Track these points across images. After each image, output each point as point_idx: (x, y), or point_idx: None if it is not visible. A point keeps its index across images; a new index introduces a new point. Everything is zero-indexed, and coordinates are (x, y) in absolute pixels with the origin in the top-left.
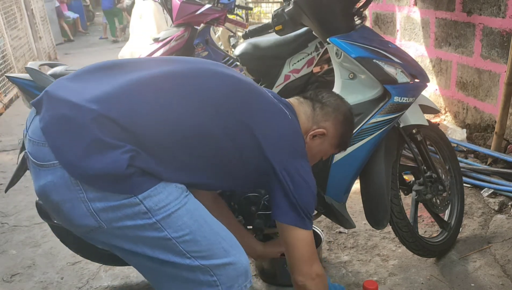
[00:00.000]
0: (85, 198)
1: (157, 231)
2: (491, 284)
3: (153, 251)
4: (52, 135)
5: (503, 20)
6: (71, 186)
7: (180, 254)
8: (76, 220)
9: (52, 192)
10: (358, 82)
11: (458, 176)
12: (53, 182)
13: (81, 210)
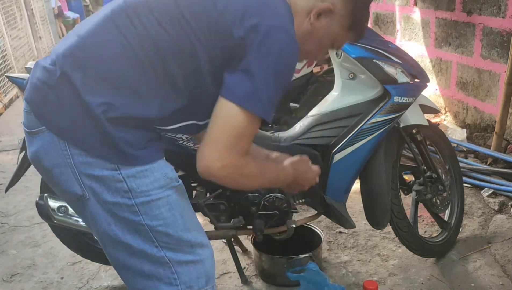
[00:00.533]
0: (72, 163)
1: (133, 214)
2: (491, 284)
3: (124, 234)
4: (33, 102)
5: (503, 20)
6: (60, 151)
7: (149, 241)
8: (64, 186)
9: (43, 157)
10: (358, 82)
11: (458, 176)
12: (43, 147)
13: (68, 176)
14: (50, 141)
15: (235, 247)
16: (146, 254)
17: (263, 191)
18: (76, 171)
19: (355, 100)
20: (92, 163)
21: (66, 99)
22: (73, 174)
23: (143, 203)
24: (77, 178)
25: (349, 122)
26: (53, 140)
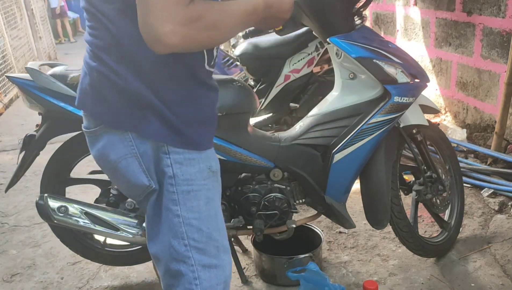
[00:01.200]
0: (137, 153)
1: (172, 202)
2: (491, 284)
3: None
4: (84, 104)
5: (503, 20)
6: (125, 141)
7: (179, 238)
8: (132, 178)
9: (110, 152)
10: (358, 82)
11: (458, 176)
12: (110, 140)
13: (135, 167)
14: (115, 133)
15: (235, 247)
16: (174, 251)
17: (263, 191)
18: (141, 161)
19: (355, 100)
20: (149, 149)
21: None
22: (139, 164)
23: (183, 191)
24: (143, 168)
25: (349, 122)
26: (117, 133)
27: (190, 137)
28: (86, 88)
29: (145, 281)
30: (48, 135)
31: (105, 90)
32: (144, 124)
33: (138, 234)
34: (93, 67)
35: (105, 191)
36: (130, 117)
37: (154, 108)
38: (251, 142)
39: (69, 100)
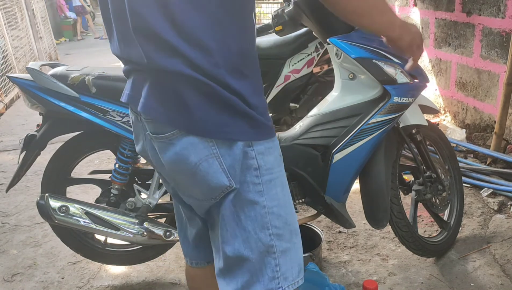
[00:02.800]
0: (218, 153)
1: (258, 194)
2: (490, 283)
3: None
4: (152, 110)
5: (503, 21)
6: (206, 142)
7: (264, 228)
8: (211, 180)
9: (189, 154)
10: (358, 82)
11: (457, 176)
12: (190, 142)
13: (215, 167)
14: (194, 136)
15: None
16: (261, 243)
17: None
18: (221, 161)
19: (355, 100)
20: (232, 145)
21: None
22: (220, 164)
23: (267, 181)
24: (223, 168)
25: (349, 122)
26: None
27: (267, 126)
28: (154, 92)
29: (145, 281)
30: (48, 135)
31: (188, 95)
32: (232, 128)
33: (138, 233)
34: (170, 68)
35: (106, 191)
36: (218, 124)
37: (238, 108)
38: None
39: (70, 100)
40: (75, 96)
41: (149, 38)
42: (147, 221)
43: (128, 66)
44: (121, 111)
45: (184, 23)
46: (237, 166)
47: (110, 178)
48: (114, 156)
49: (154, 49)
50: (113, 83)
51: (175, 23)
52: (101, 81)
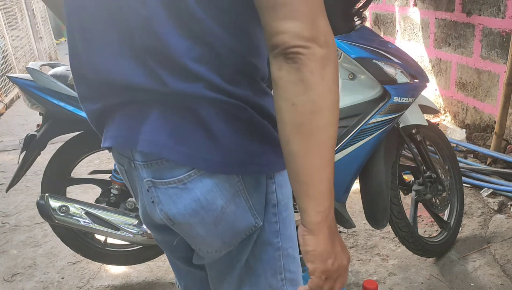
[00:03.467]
0: (244, 189)
1: (274, 234)
2: (490, 283)
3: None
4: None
5: (503, 21)
6: (231, 179)
7: (277, 273)
8: (239, 223)
9: (216, 196)
10: (358, 82)
11: (457, 176)
12: (213, 183)
13: (243, 207)
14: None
15: None
16: (270, 289)
17: None
18: (248, 197)
19: (354, 100)
20: (259, 181)
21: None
22: (246, 201)
23: (283, 219)
24: (249, 205)
25: (348, 122)
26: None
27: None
28: (163, 125)
29: (145, 281)
30: (48, 135)
31: (213, 121)
32: (263, 159)
33: (138, 233)
34: (189, 92)
35: (106, 191)
36: (249, 155)
37: (269, 134)
38: None
39: (70, 100)
40: (75, 96)
41: (163, 60)
42: None
43: (114, 98)
44: None
45: (206, 41)
46: (259, 200)
47: (110, 178)
48: None
49: (169, 72)
50: None
51: (195, 41)
52: None
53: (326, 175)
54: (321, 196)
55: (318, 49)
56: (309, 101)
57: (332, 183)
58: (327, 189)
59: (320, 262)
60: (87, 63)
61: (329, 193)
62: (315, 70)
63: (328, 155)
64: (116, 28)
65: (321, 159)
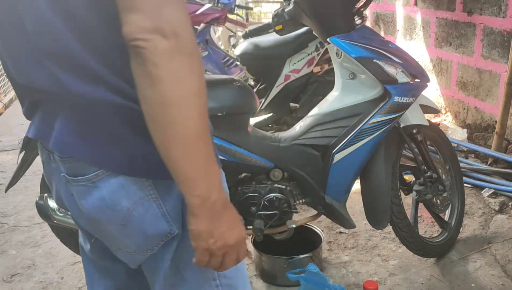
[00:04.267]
0: (156, 194)
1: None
2: (491, 284)
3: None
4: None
5: (504, 20)
6: (140, 182)
7: (209, 279)
8: (149, 228)
9: (121, 198)
10: (358, 82)
11: (458, 176)
12: (119, 183)
13: (153, 211)
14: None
15: None
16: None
17: (263, 191)
18: (161, 203)
19: (355, 100)
20: (173, 184)
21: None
22: (158, 207)
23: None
24: (163, 211)
25: (349, 122)
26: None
27: None
28: (71, 124)
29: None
30: None
31: (117, 126)
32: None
33: None
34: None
35: None
36: (156, 161)
37: None
38: (251, 142)
39: None
40: None
41: (62, 62)
42: None
43: (31, 97)
44: None
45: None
46: (179, 209)
47: None
48: None
49: (69, 74)
50: None
51: (94, 47)
52: None
53: (191, 163)
54: (191, 182)
55: (161, 41)
56: (157, 94)
57: (207, 168)
58: (197, 176)
59: (200, 241)
60: (4, 62)
61: (201, 179)
62: (160, 63)
63: (191, 145)
64: (18, 31)
65: (181, 149)
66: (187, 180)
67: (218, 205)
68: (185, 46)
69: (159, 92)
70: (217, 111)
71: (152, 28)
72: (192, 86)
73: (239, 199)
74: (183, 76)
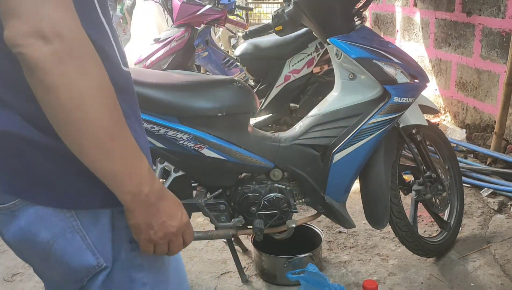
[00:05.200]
0: (79, 225)
1: (137, 269)
2: (490, 283)
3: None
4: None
5: (503, 21)
6: (61, 213)
7: None
8: (72, 262)
9: (40, 229)
10: (358, 82)
11: (457, 176)
12: (37, 214)
13: (76, 243)
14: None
15: (235, 246)
16: None
17: (263, 191)
18: (86, 234)
19: (355, 100)
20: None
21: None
22: (83, 239)
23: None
24: (88, 243)
25: (349, 122)
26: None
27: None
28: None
29: None
30: None
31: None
32: (95, 193)
33: None
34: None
35: None
36: (76, 189)
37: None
38: (251, 142)
39: None
40: None
41: None
42: None
43: None
44: None
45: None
46: (107, 240)
47: None
48: None
49: None
50: None
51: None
52: None
53: (111, 162)
54: (117, 181)
55: (43, 45)
56: (56, 101)
57: (129, 163)
58: (120, 173)
59: (141, 234)
60: None
61: (126, 176)
62: (49, 69)
63: (105, 144)
64: None
65: (97, 150)
66: (112, 179)
67: (153, 197)
68: (73, 47)
69: (56, 98)
70: (217, 111)
71: (31, 32)
72: (90, 85)
73: (239, 199)
74: (77, 79)
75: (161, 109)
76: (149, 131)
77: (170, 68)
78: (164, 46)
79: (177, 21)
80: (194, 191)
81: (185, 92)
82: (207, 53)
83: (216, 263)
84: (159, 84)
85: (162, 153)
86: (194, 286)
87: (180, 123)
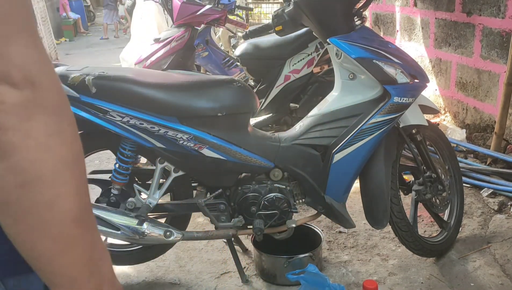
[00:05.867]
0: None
1: None
2: (490, 283)
3: None
4: None
5: (503, 21)
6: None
7: None
8: None
9: None
10: (358, 82)
11: (457, 176)
12: None
13: None
14: None
15: (235, 246)
16: None
17: (263, 191)
18: None
19: (355, 100)
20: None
21: None
22: None
23: None
24: None
25: (349, 122)
26: None
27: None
28: None
29: (145, 281)
30: None
31: None
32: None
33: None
34: None
35: (106, 191)
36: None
37: None
38: (251, 142)
39: (70, 100)
40: (75, 96)
41: None
42: (147, 221)
43: None
44: (121, 111)
45: None
46: None
47: (110, 178)
48: (114, 156)
49: None
50: (113, 83)
51: None
52: (101, 81)
53: (71, 258)
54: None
55: (10, 93)
56: (12, 171)
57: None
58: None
59: None
60: None
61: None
62: (11, 124)
63: (68, 233)
64: None
65: (55, 241)
66: (67, 283)
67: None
68: (47, 98)
69: (14, 167)
70: (217, 111)
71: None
72: (63, 154)
73: (239, 199)
74: (47, 141)
75: (161, 109)
76: (149, 131)
77: (170, 68)
78: (164, 46)
79: (177, 21)
80: (194, 191)
81: (185, 92)
82: (207, 53)
83: (216, 263)
84: (159, 84)
85: (162, 153)
86: (194, 286)
87: (180, 123)
